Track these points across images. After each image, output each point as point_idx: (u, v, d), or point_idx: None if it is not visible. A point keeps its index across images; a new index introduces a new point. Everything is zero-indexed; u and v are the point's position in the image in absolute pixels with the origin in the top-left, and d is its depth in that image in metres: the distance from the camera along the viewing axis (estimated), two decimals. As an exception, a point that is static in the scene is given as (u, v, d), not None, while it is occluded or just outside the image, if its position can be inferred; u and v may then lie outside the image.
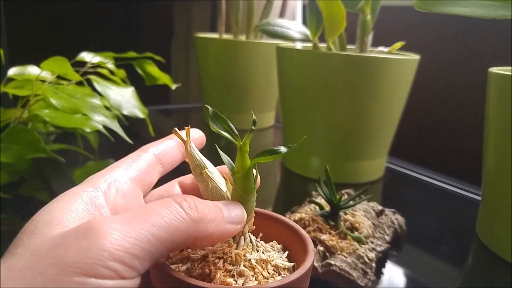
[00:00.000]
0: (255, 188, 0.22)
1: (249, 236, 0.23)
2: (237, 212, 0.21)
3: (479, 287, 0.36)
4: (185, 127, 0.22)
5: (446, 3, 0.34)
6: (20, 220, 0.56)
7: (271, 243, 0.24)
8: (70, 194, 0.19)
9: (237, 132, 0.21)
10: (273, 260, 0.22)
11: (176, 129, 0.22)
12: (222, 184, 0.22)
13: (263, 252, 0.22)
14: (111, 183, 0.21)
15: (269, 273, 0.21)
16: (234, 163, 0.22)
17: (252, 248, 0.22)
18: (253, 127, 0.20)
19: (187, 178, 0.25)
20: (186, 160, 0.22)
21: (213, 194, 0.22)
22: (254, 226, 0.23)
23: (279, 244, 0.24)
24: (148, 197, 0.24)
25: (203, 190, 0.22)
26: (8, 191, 0.54)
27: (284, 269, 0.22)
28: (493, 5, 0.32)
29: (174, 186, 0.25)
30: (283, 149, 0.21)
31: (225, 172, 0.23)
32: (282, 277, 0.21)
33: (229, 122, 0.21)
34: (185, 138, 0.22)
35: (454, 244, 0.43)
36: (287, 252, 0.23)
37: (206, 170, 0.22)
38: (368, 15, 0.52)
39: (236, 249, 0.21)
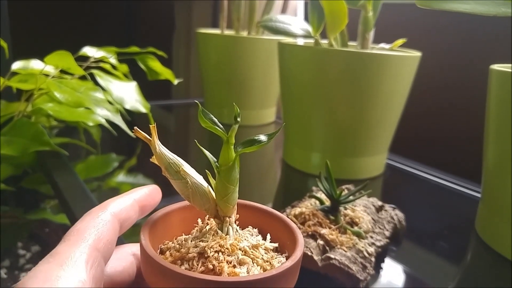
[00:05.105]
0: (238, 178, 0.22)
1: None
2: None
3: (478, 283, 0.37)
4: (150, 125, 0.21)
5: (447, 0, 0.34)
6: (22, 213, 0.57)
7: (247, 228, 0.25)
8: None
9: (222, 126, 0.22)
10: (263, 244, 0.22)
11: (137, 128, 0.21)
12: (201, 179, 0.23)
13: (249, 238, 0.23)
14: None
15: (266, 256, 0.22)
16: (216, 157, 0.22)
17: (239, 236, 0.23)
18: (238, 119, 0.21)
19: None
20: (155, 161, 0.22)
21: (194, 191, 0.22)
22: (238, 215, 0.24)
23: (254, 228, 0.25)
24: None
25: (182, 189, 0.22)
26: (11, 184, 0.54)
27: (272, 250, 0.23)
28: (494, 2, 0.32)
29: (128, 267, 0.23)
30: (263, 137, 0.22)
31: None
32: (276, 257, 0.22)
33: (214, 118, 0.22)
34: (149, 137, 0.21)
35: (453, 240, 0.44)
36: (268, 234, 0.24)
37: (182, 167, 0.22)
38: (369, 12, 0.52)
39: (229, 239, 0.22)
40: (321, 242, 0.34)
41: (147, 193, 0.24)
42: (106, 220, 0.21)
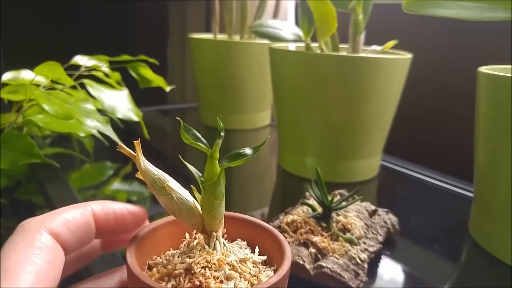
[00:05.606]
0: (224, 192, 0.22)
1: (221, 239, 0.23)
2: None
3: (472, 285, 0.36)
4: (134, 141, 0.21)
5: (433, 5, 0.34)
6: (17, 224, 0.57)
7: (235, 241, 0.24)
8: None
9: (205, 141, 0.22)
10: (251, 258, 0.22)
11: (122, 144, 0.21)
12: (187, 194, 0.22)
13: (238, 251, 0.23)
14: None
15: (253, 270, 0.22)
16: (201, 172, 0.22)
17: (227, 250, 0.23)
18: (221, 134, 0.21)
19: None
20: (140, 177, 0.22)
21: (180, 206, 0.22)
22: (226, 229, 0.24)
23: (243, 241, 0.25)
24: None
25: (167, 204, 0.22)
26: (5, 194, 0.54)
27: (260, 263, 0.23)
28: (478, 7, 0.32)
29: None
30: (248, 151, 0.22)
31: None
32: (264, 271, 0.22)
33: (197, 133, 0.22)
34: (134, 153, 0.21)
35: (447, 242, 0.43)
36: (257, 247, 0.24)
37: (167, 183, 0.22)
38: (360, 15, 0.52)
39: (216, 254, 0.22)
40: (313, 250, 0.34)
41: (125, 212, 0.21)
42: (46, 247, 0.17)
